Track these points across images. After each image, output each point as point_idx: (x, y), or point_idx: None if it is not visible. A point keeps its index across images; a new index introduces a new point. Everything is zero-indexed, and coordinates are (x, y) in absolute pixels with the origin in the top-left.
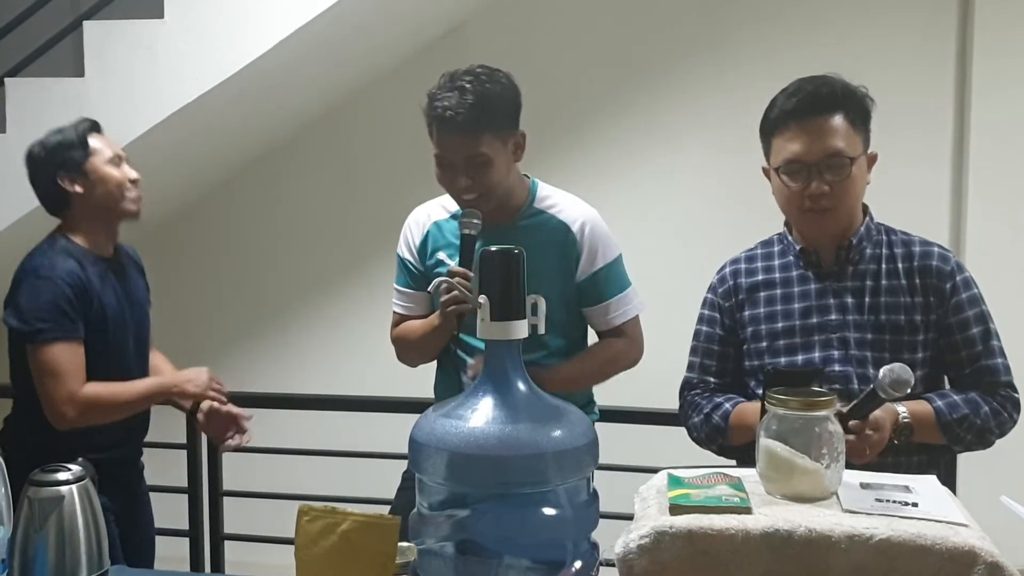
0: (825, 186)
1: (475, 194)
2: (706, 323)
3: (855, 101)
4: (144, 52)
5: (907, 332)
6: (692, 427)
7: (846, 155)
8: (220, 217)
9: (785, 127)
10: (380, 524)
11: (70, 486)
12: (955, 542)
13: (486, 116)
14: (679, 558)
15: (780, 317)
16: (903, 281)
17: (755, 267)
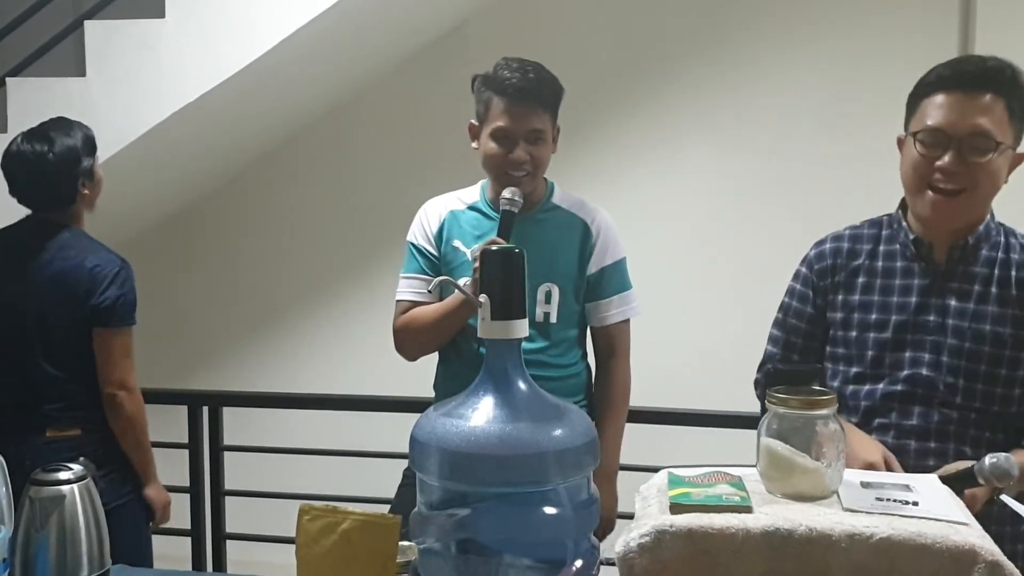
0: (961, 164)
1: (529, 169)
2: (797, 298)
3: (1019, 90)
4: (145, 52)
5: (1010, 347)
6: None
7: (993, 138)
8: (221, 217)
9: (937, 92)
10: (381, 523)
11: (71, 485)
12: (956, 541)
13: (548, 93)
14: (680, 557)
15: (876, 308)
16: (1014, 292)
17: (859, 248)
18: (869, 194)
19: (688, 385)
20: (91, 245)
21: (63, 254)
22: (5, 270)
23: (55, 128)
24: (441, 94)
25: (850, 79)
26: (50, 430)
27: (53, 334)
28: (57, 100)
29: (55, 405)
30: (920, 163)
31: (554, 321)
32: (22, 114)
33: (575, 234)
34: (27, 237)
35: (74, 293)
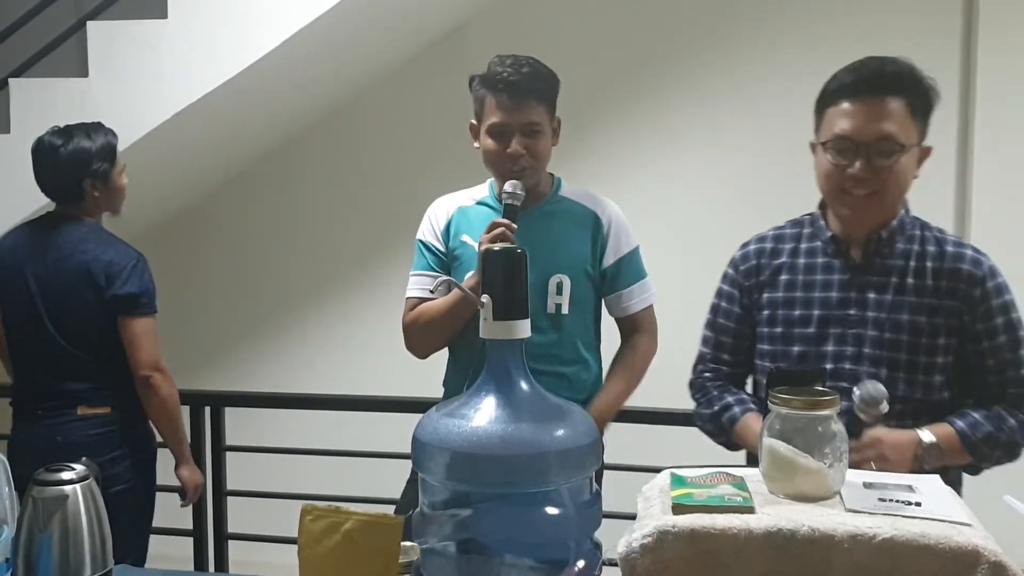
0: (871, 170)
1: (526, 164)
2: (725, 299)
3: (919, 89)
4: (148, 52)
5: (927, 335)
6: (698, 416)
7: (898, 141)
8: (223, 217)
9: (841, 101)
10: (383, 524)
11: (74, 485)
12: (958, 541)
13: (539, 86)
14: (682, 557)
15: (799, 304)
16: (930, 282)
17: (781, 248)
18: None
19: None
20: (109, 239)
21: (81, 247)
22: (27, 260)
23: (80, 128)
24: (443, 94)
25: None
26: (82, 407)
27: (72, 323)
28: (60, 100)
29: (84, 384)
30: (832, 171)
31: (566, 312)
32: (25, 114)
33: (586, 225)
34: (48, 229)
35: (92, 284)
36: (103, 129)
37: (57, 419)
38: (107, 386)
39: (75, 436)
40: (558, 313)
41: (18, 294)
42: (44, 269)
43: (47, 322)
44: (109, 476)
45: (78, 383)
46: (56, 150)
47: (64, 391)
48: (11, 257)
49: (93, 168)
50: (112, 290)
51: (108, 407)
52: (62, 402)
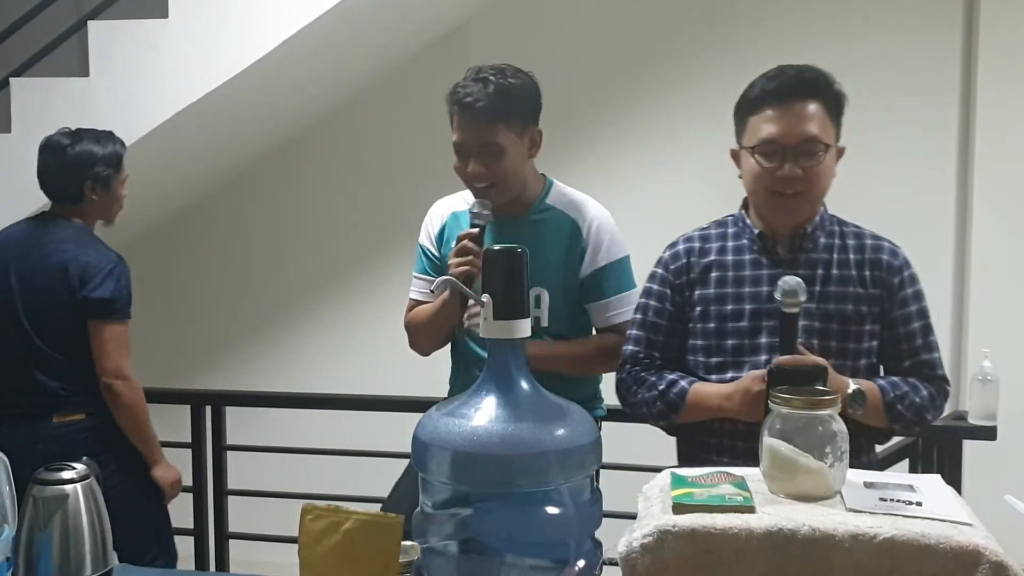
0: (798, 170)
1: (486, 182)
2: (655, 298)
3: (833, 93)
4: (148, 52)
5: (854, 322)
6: (643, 402)
7: (821, 141)
8: (224, 216)
9: (765, 108)
10: (383, 523)
11: (74, 485)
12: (959, 541)
13: (504, 107)
14: (682, 557)
15: (730, 300)
16: (853, 272)
17: (708, 247)
18: (873, 193)
19: None
20: (90, 241)
21: (63, 247)
22: (12, 257)
23: (91, 133)
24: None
25: (854, 79)
26: (56, 415)
27: (47, 322)
28: (60, 100)
29: (57, 385)
30: (761, 174)
31: (546, 325)
32: (25, 114)
33: (563, 236)
34: (38, 228)
35: (67, 284)
36: (114, 138)
37: (34, 426)
38: (79, 391)
39: (54, 444)
40: (537, 326)
41: (2, 292)
42: (26, 267)
43: (23, 320)
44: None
45: (52, 385)
46: (64, 149)
47: (39, 397)
48: (2, 252)
49: (96, 171)
50: (84, 291)
51: (81, 414)
52: (37, 410)
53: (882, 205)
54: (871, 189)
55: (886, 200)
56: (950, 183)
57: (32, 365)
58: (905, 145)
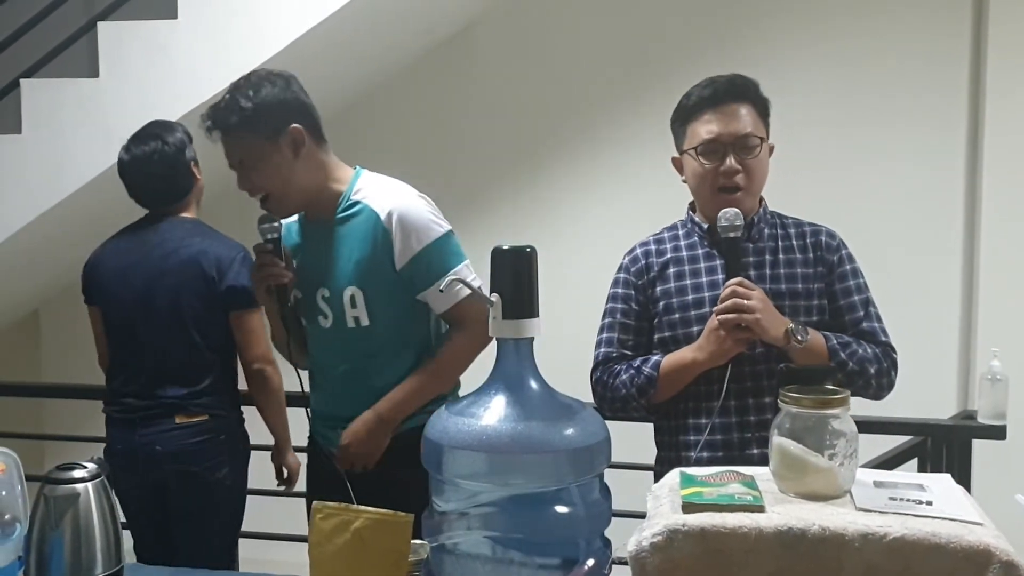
0: (739, 164)
1: (260, 195)
2: (621, 300)
3: (759, 95)
4: (158, 53)
5: (803, 298)
6: (620, 385)
7: (757, 135)
8: (232, 217)
9: (702, 112)
10: (393, 522)
11: (86, 484)
12: (970, 541)
13: (239, 121)
14: (692, 556)
15: (690, 290)
16: (798, 255)
17: (664, 247)
18: (882, 192)
19: None
20: (211, 232)
21: (187, 242)
22: (134, 260)
23: (156, 127)
24: (449, 95)
25: (862, 78)
26: (179, 416)
27: (185, 318)
28: (70, 101)
29: (182, 392)
30: (704, 173)
31: (367, 324)
32: (36, 115)
33: (367, 230)
34: (148, 230)
35: (203, 278)
36: (169, 121)
37: (153, 427)
38: (203, 392)
39: (173, 445)
40: (359, 326)
41: (122, 297)
42: (151, 269)
43: (165, 314)
44: (211, 484)
45: (178, 390)
46: (158, 151)
47: (164, 399)
48: (115, 260)
49: (191, 154)
50: (225, 282)
51: (205, 415)
52: (160, 411)
53: (891, 204)
54: (880, 188)
55: (895, 199)
56: (959, 181)
57: (160, 370)
58: (913, 143)
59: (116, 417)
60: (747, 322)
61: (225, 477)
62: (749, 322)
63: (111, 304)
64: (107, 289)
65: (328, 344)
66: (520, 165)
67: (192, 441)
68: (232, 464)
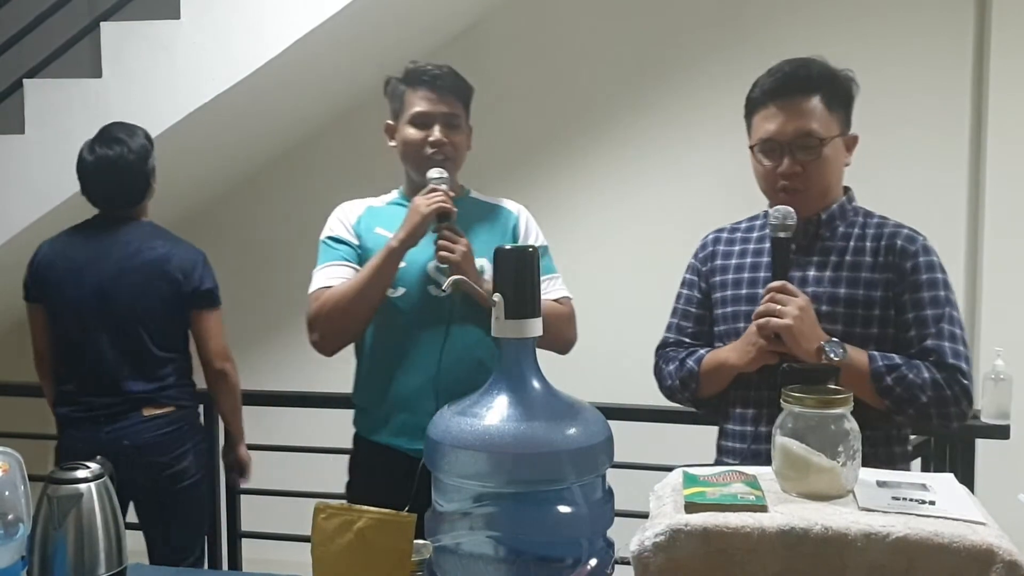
0: (797, 166)
1: (445, 155)
2: (686, 286)
3: (834, 83)
4: (161, 53)
5: (862, 306)
6: (667, 375)
7: (817, 135)
8: (236, 216)
9: (763, 106)
10: (396, 521)
11: (88, 484)
12: (973, 540)
13: (460, 87)
14: (694, 556)
15: (746, 284)
16: (868, 258)
17: (735, 237)
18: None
19: None
20: (172, 236)
21: (150, 244)
22: (90, 260)
23: (121, 131)
24: None
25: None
26: (147, 408)
27: (148, 317)
28: (74, 101)
29: (149, 386)
30: (764, 172)
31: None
32: (39, 115)
33: (502, 217)
34: (105, 231)
35: (168, 279)
36: (129, 125)
37: (121, 421)
38: (168, 385)
39: (141, 438)
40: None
41: (79, 296)
42: (110, 268)
43: (125, 315)
44: (177, 472)
45: (144, 384)
46: (123, 157)
47: (129, 394)
48: (67, 260)
49: (151, 163)
50: (192, 285)
51: (172, 406)
52: (126, 406)
53: (894, 205)
54: (883, 189)
55: (898, 200)
56: (962, 183)
57: (124, 366)
58: (917, 145)
59: (77, 416)
60: (778, 329)
61: (191, 465)
62: (780, 329)
63: (60, 303)
64: (57, 288)
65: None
66: (526, 164)
67: (159, 433)
68: (195, 452)
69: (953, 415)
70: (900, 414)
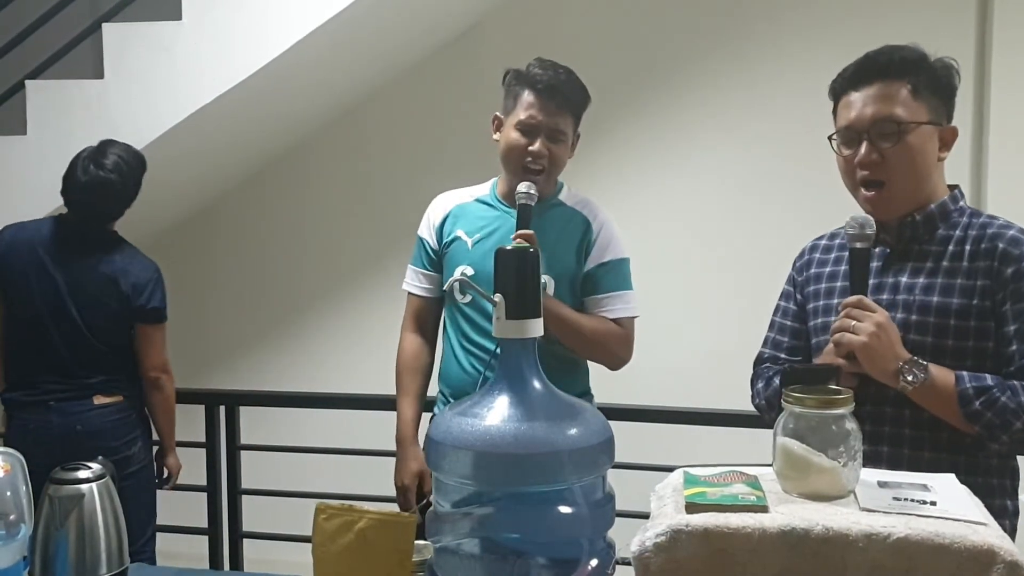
0: (875, 153)
1: (542, 166)
2: (783, 298)
3: (922, 70)
4: (162, 54)
5: (956, 316)
6: (756, 393)
7: (896, 120)
8: (238, 217)
9: (844, 94)
10: (397, 522)
11: (90, 484)
12: (974, 541)
13: (576, 100)
14: (695, 556)
15: (838, 293)
16: (965, 263)
17: (832, 244)
18: None
19: (704, 384)
20: (130, 251)
21: (108, 257)
22: (54, 259)
23: (122, 158)
24: (456, 94)
25: None
26: (98, 396)
27: (96, 322)
28: (75, 102)
29: (100, 376)
30: (843, 164)
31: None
32: (41, 116)
33: (576, 229)
34: (74, 235)
35: (118, 295)
36: (129, 149)
37: (73, 408)
38: (119, 377)
39: (93, 424)
40: None
41: (41, 288)
42: (73, 270)
43: (76, 320)
44: (127, 458)
45: (96, 375)
46: (115, 185)
47: (81, 382)
48: (30, 252)
49: (137, 190)
50: (138, 302)
51: (120, 396)
52: (77, 393)
53: None
54: None
55: None
56: (964, 183)
57: (78, 357)
58: None
59: (27, 400)
60: (852, 347)
61: (139, 451)
62: (854, 347)
63: (23, 292)
64: (21, 277)
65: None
66: None
67: (110, 420)
68: (143, 440)
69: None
70: (993, 441)
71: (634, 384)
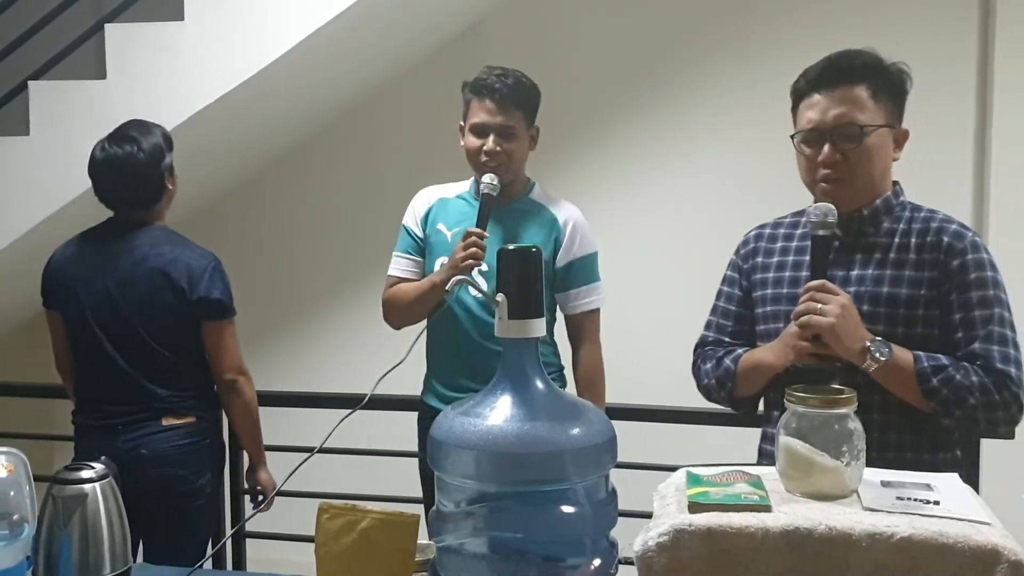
0: (837, 154)
1: (497, 162)
2: (726, 283)
3: (882, 74)
4: (165, 54)
5: (904, 306)
6: (704, 374)
7: (859, 123)
8: (240, 217)
9: (807, 95)
10: (400, 522)
11: (94, 484)
12: (977, 540)
13: (519, 97)
14: (698, 556)
15: (787, 283)
16: (912, 255)
17: (777, 233)
18: None
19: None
20: (182, 241)
21: (157, 250)
22: (100, 265)
23: (135, 129)
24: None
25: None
26: (166, 418)
27: (152, 320)
28: (78, 103)
29: (167, 392)
30: (805, 163)
31: None
32: (44, 117)
33: (543, 226)
34: (117, 235)
35: (172, 289)
36: (149, 123)
37: (139, 431)
38: (189, 395)
39: (159, 448)
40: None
41: (90, 295)
42: (118, 276)
43: (130, 320)
44: (194, 490)
45: (163, 389)
46: (134, 156)
47: (148, 401)
48: (78, 265)
49: (167, 162)
50: (197, 294)
51: (192, 417)
52: (145, 414)
53: None
54: None
55: None
56: (966, 186)
57: (140, 373)
58: (920, 147)
59: (94, 425)
60: (820, 329)
61: (207, 484)
62: (822, 329)
63: (73, 310)
64: (70, 295)
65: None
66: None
67: (178, 444)
68: (213, 471)
69: (1001, 420)
70: (947, 416)
71: (637, 384)
